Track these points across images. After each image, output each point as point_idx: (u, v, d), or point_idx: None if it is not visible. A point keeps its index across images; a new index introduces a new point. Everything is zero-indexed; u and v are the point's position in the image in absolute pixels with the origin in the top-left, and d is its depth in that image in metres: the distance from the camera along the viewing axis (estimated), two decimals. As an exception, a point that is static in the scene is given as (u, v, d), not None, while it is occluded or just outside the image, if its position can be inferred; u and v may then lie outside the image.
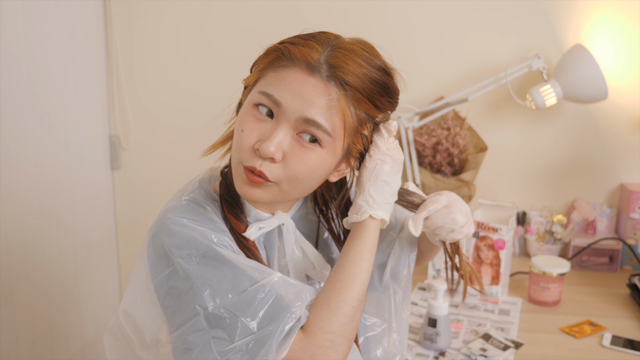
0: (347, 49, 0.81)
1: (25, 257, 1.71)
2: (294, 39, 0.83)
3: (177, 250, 0.81)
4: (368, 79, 0.82)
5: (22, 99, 1.66)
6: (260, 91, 0.82)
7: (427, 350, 1.35)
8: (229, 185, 0.91)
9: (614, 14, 1.81)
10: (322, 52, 0.80)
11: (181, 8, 1.99)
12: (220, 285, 0.79)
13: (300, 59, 0.80)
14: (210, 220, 0.86)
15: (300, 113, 0.80)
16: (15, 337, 1.68)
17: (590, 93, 1.71)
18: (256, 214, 0.91)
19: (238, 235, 0.87)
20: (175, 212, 0.85)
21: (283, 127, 0.80)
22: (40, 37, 1.71)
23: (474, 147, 1.88)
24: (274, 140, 0.80)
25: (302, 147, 0.81)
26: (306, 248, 0.94)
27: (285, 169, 0.82)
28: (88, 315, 2.02)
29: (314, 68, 0.79)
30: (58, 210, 1.84)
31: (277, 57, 0.82)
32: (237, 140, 0.83)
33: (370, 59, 0.83)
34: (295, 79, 0.80)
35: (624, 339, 1.40)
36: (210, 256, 0.81)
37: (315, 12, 1.93)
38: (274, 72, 0.82)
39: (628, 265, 1.84)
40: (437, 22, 1.90)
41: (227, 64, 2.01)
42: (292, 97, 0.79)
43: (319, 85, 0.79)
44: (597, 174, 1.93)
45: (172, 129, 2.09)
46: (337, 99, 0.80)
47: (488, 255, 1.59)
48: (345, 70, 0.80)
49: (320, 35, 0.83)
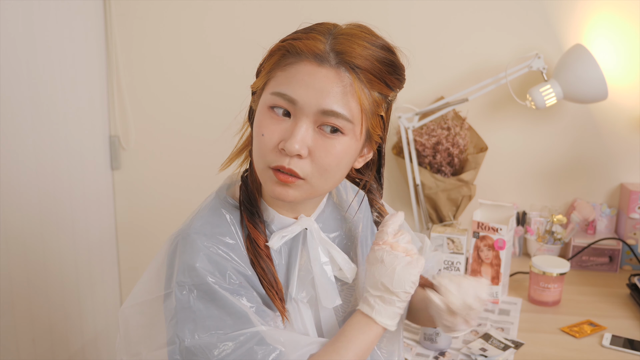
0: (349, 34, 0.81)
1: (25, 257, 1.71)
2: (295, 35, 0.83)
3: (178, 275, 0.82)
4: (375, 59, 0.81)
5: (22, 99, 1.66)
6: (273, 92, 0.81)
7: (427, 350, 1.35)
8: (249, 191, 0.90)
9: (614, 14, 1.81)
10: (326, 42, 0.80)
11: (181, 8, 1.99)
12: (204, 322, 0.80)
13: (307, 52, 0.79)
14: (227, 231, 0.87)
15: (317, 106, 0.79)
16: (15, 337, 1.68)
17: (590, 93, 1.71)
18: (280, 220, 0.90)
19: (254, 244, 0.87)
20: (196, 227, 0.86)
21: (303, 123, 0.80)
22: (40, 37, 1.71)
23: (474, 147, 1.88)
24: (297, 137, 0.79)
25: (325, 138, 0.81)
26: (332, 250, 0.93)
27: (313, 163, 0.81)
28: (88, 315, 2.02)
29: (322, 58, 0.79)
30: (58, 210, 1.84)
31: (283, 55, 0.82)
32: (259, 145, 0.82)
33: (373, 39, 0.82)
34: (306, 72, 0.79)
35: (624, 339, 1.40)
36: (203, 290, 0.81)
37: (315, 12, 1.93)
38: (283, 71, 0.81)
39: (628, 265, 1.84)
40: (437, 22, 1.90)
41: (227, 64, 2.01)
42: (306, 92, 0.79)
43: (330, 74, 0.79)
44: (597, 174, 1.93)
45: (172, 129, 2.09)
46: (350, 84, 0.80)
47: (488, 255, 1.59)
48: (352, 54, 0.79)
49: (319, 27, 0.83)
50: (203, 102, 2.05)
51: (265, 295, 0.87)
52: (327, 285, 0.92)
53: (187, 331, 0.79)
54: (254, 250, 0.86)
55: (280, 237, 0.88)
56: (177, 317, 0.81)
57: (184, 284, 0.81)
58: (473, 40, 1.90)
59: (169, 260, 0.86)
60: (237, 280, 0.83)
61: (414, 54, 1.96)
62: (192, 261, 0.82)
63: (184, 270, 0.82)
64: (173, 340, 0.80)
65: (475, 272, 1.61)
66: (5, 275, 1.64)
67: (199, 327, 0.80)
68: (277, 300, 0.87)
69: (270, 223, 0.90)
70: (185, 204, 1.99)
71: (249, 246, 0.87)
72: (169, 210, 2.14)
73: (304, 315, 0.91)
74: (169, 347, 0.81)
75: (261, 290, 0.86)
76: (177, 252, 0.84)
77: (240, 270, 0.84)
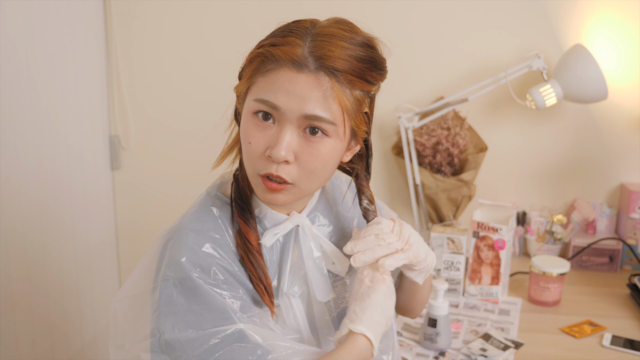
0: (327, 34, 0.81)
1: (25, 257, 1.71)
2: (273, 40, 0.82)
3: (165, 270, 0.84)
4: (354, 58, 0.81)
5: (22, 99, 1.66)
6: (256, 99, 0.82)
7: (427, 350, 1.35)
8: (241, 189, 0.91)
9: (614, 14, 1.81)
10: (304, 45, 0.80)
11: (181, 8, 1.99)
12: (184, 317, 0.81)
13: (285, 59, 0.79)
14: (216, 227, 0.88)
15: (299, 111, 0.80)
16: (15, 337, 1.68)
17: (590, 93, 1.71)
18: (272, 216, 0.92)
19: (244, 239, 0.88)
20: (185, 223, 0.87)
21: (288, 129, 0.81)
22: (40, 37, 1.71)
23: (474, 147, 1.88)
24: (283, 143, 0.80)
25: (310, 142, 0.82)
26: (324, 245, 0.95)
27: (300, 167, 0.83)
28: (88, 315, 2.02)
29: (301, 64, 0.79)
30: (58, 210, 1.84)
31: (262, 61, 0.82)
32: (247, 152, 0.84)
33: (352, 37, 0.82)
34: (285, 79, 0.80)
35: (624, 339, 1.40)
36: (186, 285, 0.82)
37: (315, 12, 1.92)
38: (263, 77, 0.81)
39: (628, 265, 1.84)
40: (437, 22, 1.90)
41: (227, 64, 2.01)
42: (287, 98, 0.80)
43: (309, 79, 0.79)
44: (597, 174, 1.93)
45: (172, 129, 2.09)
46: (330, 87, 0.80)
47: (488, 255, 1.59)
48: (331, 57, 0.79)
49: (297, 27, 0.82)
50: (203, 102, 2.05)
51: (254, 290, 0.87)
52: (320, 279, 0.94)
53: (167, 324, 0.80)
54: (244, 245, 0.87)
55: (273, 234, 0.90)
56: (160, 310, 0.82)
57: (169, 278, 0.82)
58: (473, 40, 1.90)
59: (159, 256, 0.87)
60: (223, 276, 0.84)
61: (413, 54, 1.97)
62: (178, 256, 0.83)
63: (170, 264, 0.83)
64: (154, 333, 0.81)
65: (475, 272, 1.61)
66: (6, 275, 1.64)
67: (179, 321, 0.80)
68: (266, 296, 0.87)
69: (262, 219, 0.92)
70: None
71: (239, 242, 0.88)
72: (169, 210, 2.14)
73: (295, 309, 0.92)
74: (151, 339, 0.82)
75: (249, 285, 0.87)
76: (167, 248, 0.86)
77: (225, 266, 0.85)
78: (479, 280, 1.61)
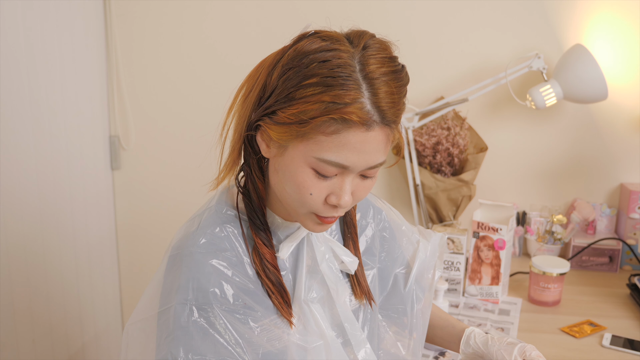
0: (383, 83, 0.78)
1: (25, 257, 1.71)
2: (327, 94, 0.76)
3: (180, 292, 0.81)
4: (402, 102, 0.82)
5: (22, 99, 1.66)
6: (321, 159, 0.79)
7: (427, 350, 1.35)
8: (255, 206, 0.89)
9: (614, 14, 1.81)
10: (364, 97, 0.76)
11: (181, 8, 1.99)
12: (199, 345, 0.78)
13: (357, 121, 0.77)
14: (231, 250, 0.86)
15: (366, 165, 0.81)
16: (15, 337, 1.68)
17: (590, 93, 1.71)
18: (285, 225, 0.92)
19: (261, 257, 0.87)
20: (199, 244, 0.84)
21: (350, 177, 0.82)
22: (40, 37, 1.71)
23: (474, 147, 1.88)
24: (348, 192, 0.82)
25: (364, 180, 0.84)
26: (334, 246, 0.96)
27: (353, 201, 0.85)
28: (88, 315, 2.02)
29: (370, 123, 0.77)
30: (58, 210, 1.83)
31: (324, 122, 0.77)
32: (304, 200, 0.82)
33: (402, 85, 0.81)
34: (357, 140, 0.78)
35: (624, 339, 1.40)
36: (204, 310, 0.80)
37: (314, 12, 1.93)
38: (328, 137, 0.78)
39: (628, 265, 1.84)
40: (437, 22, 1.90)
41: (227, 64, 2.01)
42: (358, 158, 0.79)
43: (379, 136, 0.79)
44: (597, 174, 1.93)
45: (172, 129, 2.09)
46: (391, 134, 0.82)
47: (488, 255, 1.59)
48: (394, 113, 0.80)
49: (344, 71, 0.76)
50: (203, 102, 2.05)
51: (272, 305, 0.87)
52: (336, 280, 0.95)
53: (181, 350, 0.77)
54: (261, 264, 0.87)
55: (289, 246, 0.90)
56: (174, 334, 0.79)
57: (186, 301, 0.80)
58: (473, 40, 1.90)
59: (167, 276, 0.84)
60: (242, 300, 0.83)
61: (414, 54, 1.97)
62: (195, 280, 0.81)
63: (187, 288, 0.80)
64: (165, 358, 0.78)
65: (475, 272, 1.61)
66: (6, 275, 1.64)
67: (194, 348, 0.78)
68: (285, 309, 0.87)
69: (276, 230, 0.91)
70: (185, 204, 1.99)
71: (256, 259, 0.87)
72: (169, 210, 2.14)
73: (316, 315, 0.91)
74: None
75: (267, 302, 0.86)
76: (180, 269, 0.83)
77: (242, 288, 0.84)
78: (479, 280, 1.61)
